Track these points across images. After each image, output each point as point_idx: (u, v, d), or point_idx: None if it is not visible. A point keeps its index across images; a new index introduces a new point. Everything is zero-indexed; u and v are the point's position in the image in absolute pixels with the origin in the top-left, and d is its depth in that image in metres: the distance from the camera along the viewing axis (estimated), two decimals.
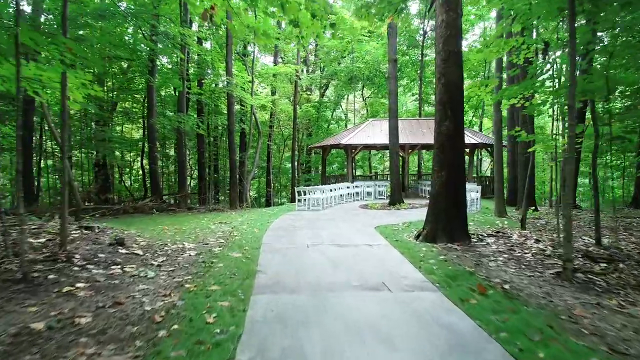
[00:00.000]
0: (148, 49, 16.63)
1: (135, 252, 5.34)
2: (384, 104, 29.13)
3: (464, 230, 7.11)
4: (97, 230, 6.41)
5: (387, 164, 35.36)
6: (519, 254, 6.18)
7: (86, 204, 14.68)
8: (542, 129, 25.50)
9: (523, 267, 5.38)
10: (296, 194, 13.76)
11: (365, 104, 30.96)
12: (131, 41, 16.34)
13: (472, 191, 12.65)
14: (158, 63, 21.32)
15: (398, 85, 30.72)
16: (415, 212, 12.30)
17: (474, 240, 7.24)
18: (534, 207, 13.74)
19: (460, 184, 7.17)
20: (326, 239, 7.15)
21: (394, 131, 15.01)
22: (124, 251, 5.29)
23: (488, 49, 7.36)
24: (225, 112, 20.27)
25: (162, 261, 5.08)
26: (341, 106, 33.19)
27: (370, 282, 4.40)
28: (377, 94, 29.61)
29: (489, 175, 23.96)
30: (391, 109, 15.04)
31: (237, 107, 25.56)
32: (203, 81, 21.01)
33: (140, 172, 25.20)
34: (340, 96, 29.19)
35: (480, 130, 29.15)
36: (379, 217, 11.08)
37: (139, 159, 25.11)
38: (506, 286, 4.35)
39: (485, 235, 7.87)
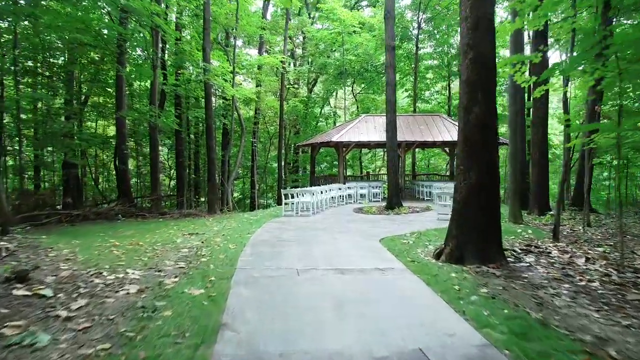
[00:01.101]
0: (116, 32, 14.69)
1: (41, 292, 3.58)
2: (375, 100, 27.65)
3: (498, 247, 5.55)
4: (3, 254, 4.59)
5: (379, 163, 33.93)
6: (580, 282, 4.64)
7: (37, 211, 12.66)
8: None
9: (602, 304, 3.83)
10: (283, 197, 12.06)
11: (356, 100, 29.41)
12: (94, 23, 14.32)
13: None
14: (134, 54, 19.36)
15: None
16: (419, 218, 10.74)
17: (510, 259, 5.69)
18: (549, 212, 12.38)
19: (494, 188, 5.61)
20: (321, 260, 5.49)
21: (391, 127, 13.44)
22: (21, 292, 3.51)
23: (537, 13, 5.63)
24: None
25: (77, 309, 3.34)
26: (330, 103, 31.57)
27: (401, 350, 2.76)
28: (368, 89, 28.09)
29: None
30: (389, 101, 13.47)
31: (219, 101, 23.69)
32: (180, 72, 19.09)
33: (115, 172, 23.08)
34: (329, 92, 27.54)
35: None
36: (379, 224, 9.47)
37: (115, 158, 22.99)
38: (612, 351, 2.78)
39: (519, 250, 6.34)
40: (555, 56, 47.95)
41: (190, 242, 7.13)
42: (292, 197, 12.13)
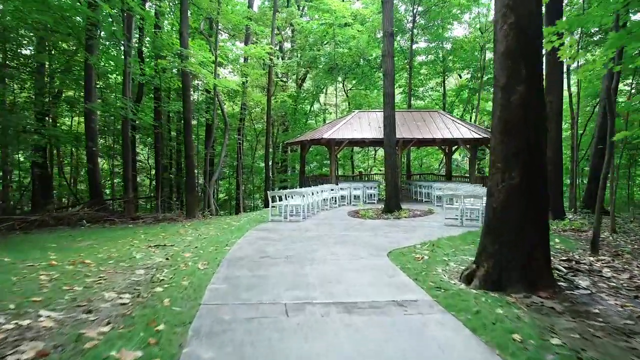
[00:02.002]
0: (82, 16, 13.09)
1: None
2: (368, 96, 26.43)
3: (547, 268, 4.28)
4: None
5: (371, 162, 32.71)
6: None
7: None
8: None
9: None
10: (270, 200, 10.67)
11: (347, 96, 28.12)
12: (56, 3, 12.66)
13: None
14: (105, 42, 17.68)
15: (381, 78, 27.93)
16: (423, 224, 9.47)
17: (560, 282, 4.43)
18: (565, 215, 11.27)
19: (543, 191, 4.34)
20: (318, 287, 4.14)
21: (389, 123, 12.17)
22: None
23: None
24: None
25: None
26: (319, 101, 30.24)
27: None
28: (359, 85, 26.80)
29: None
30: (387, 94, 12.18)
31: (201, 96, 22.09)
32: (157, 62, 17.49)
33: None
34: (320, 87, 26.18)
35: None
36: (380, 231, 8.17)
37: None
38: None
39: (563, 269, 5.09)
40: None
41: (152, 259, 5.69)
42: (280, 199, 10.75)
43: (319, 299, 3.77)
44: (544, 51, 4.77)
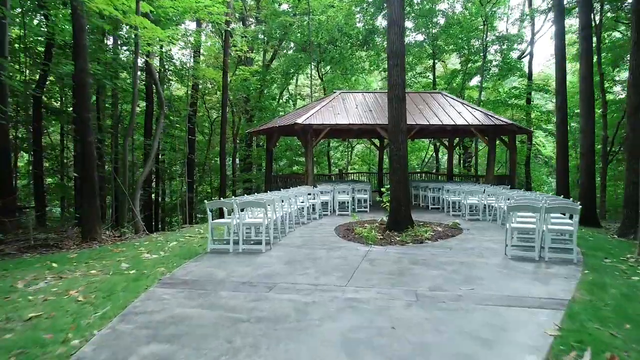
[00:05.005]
0: None
1: None
2: (347, 81, 22.41)
3: None
4: None
5: (354, 158, 28.72)
6: None
7: None
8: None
9: None
10: (209, 215, 6.34)
11: (322, 80, 23.99)
12: None
13: (562, 211, 6.09)
14: None
15: (363, 59, 23.83)
16: (468, 257, 5.50)
17: None
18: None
19: None
20: None
21: (397, 95, 8.19)
22: None
23: None
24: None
25: None
26: (289, 90, 25.91)
27: None
28: (337, 68, 22.62)
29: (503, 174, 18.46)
30: (393, 53, 8.12)
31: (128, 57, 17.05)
32: None
33: None
34: (291, 68, 21.74)
35: None
36: (416, 280, 4.14)
37: None
38: None
39: None
40: None
41: None
42: (231, 213, 6.48)
43: None
44: None
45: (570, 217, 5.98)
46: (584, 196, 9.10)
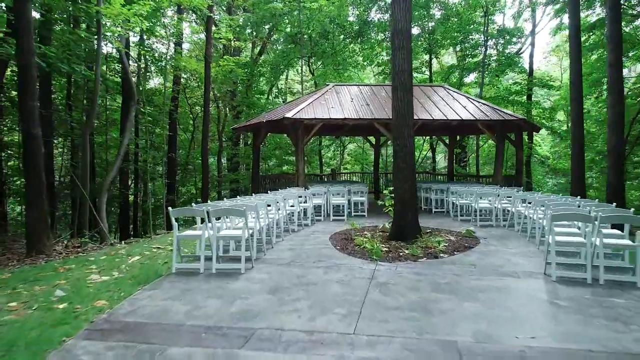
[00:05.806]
0: None
1: None
2: (340, 76, 21.19)
3: None
4: None
5: (347, 157, 27.46)
6: None
7: None
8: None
9: None
10: (174, 226, 5.07)
11: (313, 75, 22.75)
12: None
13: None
14: None
15: (357, 52, 22.55)
16: (499, 280, 4.33)
17: None
18: None
19: None
20: None
21: (403, 84, 7.01)
22: None
23: None
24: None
25: None
26: (278, 85, 24.63)
27: None
28: (329, 62, 21.38)
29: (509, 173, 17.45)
30: (398, 32, 6.95)
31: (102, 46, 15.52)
32: None
33: None
34: (281, 63, 20.42)
35: None
36: (442, 319, 2.94)
37: None
38: None
39: None
40: None
41: None
42: (204, 222, 5.21)
43: None
44: None
45: (621, 229, 4.89)
46: (612, 198, 8.09)
